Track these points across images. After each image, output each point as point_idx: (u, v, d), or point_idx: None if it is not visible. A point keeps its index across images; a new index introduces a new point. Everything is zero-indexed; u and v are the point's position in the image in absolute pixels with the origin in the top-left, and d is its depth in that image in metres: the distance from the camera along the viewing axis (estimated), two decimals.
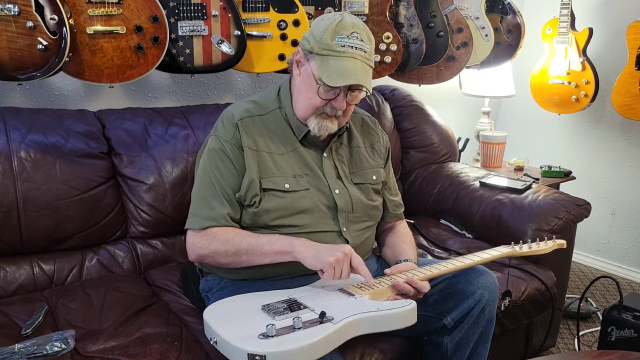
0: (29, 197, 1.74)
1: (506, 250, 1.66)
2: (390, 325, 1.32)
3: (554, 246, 1.73)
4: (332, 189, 1.58)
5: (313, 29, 1.50)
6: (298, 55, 1.54)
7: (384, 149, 1.76)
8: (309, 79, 1.50)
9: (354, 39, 1.46)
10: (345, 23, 1.46)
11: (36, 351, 1.37)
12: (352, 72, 1.46)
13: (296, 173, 1.56)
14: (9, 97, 2.02)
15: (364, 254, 1.66)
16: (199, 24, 1.94)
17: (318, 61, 1.47)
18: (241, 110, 1.58)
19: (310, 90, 1.50)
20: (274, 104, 1.61)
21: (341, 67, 1.45)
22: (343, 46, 1.45)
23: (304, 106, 1.53)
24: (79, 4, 1.74)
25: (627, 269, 3.11)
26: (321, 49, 1.46)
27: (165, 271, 1.91)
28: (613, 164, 3.08)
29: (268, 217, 1.51)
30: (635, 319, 1.98)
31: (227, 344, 1.22)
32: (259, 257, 1.47)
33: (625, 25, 2.62)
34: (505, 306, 1.82)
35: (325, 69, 1.45)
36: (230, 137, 1.53)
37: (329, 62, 1.45)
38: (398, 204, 1.78)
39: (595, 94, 2.78)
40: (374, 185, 1.68)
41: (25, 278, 1.76)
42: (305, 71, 1.52)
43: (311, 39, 1.48)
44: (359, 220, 1.62)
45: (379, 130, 1.78)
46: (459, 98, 3.15)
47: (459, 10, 2.54)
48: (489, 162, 2.85)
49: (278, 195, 1.52)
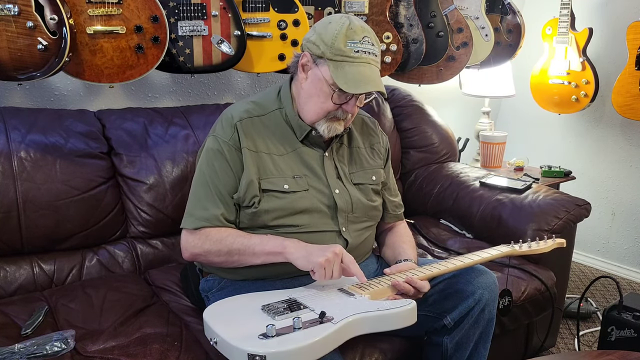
0: (29, 197, 1.74)
1: (506, 249, 1.66)
2: (390, 325, 1.32)
3: (554, 245, 1.73)
4: (332, 189, 1.58)
5: (321, 33, 1.48)
6: (304, 59, 1.52)
7: (383, 150, 1.76)
8: (319, 84, 1.50)
9: (366, 44, 1.46)
10: (355, 27, 1.46)
11: (36, 351, 1.37)
12: (369, 78, 1.47)
13: (295, 174, 1.56)
14: (9, 97, 2.02)
15: (363, 254, 1.66)
16: (199, 24, 1.94)
17: (332, 67, 1.46)
18: (240, 111, 1.58)
19: (322, 95, 1.50)
20: (274, 105, 1.61)
21: (357, 73, 1.45)
22: (357, 52, 1.45)
23: (315, 110, 1.53)
24: (79, 4, 1.74)
25: (627, 269, 3.11)
26: (334, 55, 1.45)
27: (165, 271, 1.91)
28: (613, 164, 3.08)
29: (267, 217, 1.52)
30: (635, 319, 1.98)
31: (227, 344, 1.22)
32: (250, 257, 1.48)
33: (625, 25, 2.62)
34: (504, 305, 1.82)
35: (342, 75, 1.45)
36: (228, 138, 1.53)
37: (345, 68, 1.45)
38: (398, 204, 1.79)
39: (595, 94, 2.78)
40: (373, 185, 1.68)
41: (25, 278, 1.76)
42: (314, 76, 1.51)
43: (321, 43, 1.47)
44: (359, 220, 1.63)
45: (378, 131, 1.78)
46: (459, 98, 3.15)
47: (459, 10, 2.54)
48: (489, 162, 2.85)
49: (277, 196, 1.52)
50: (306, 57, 1.52)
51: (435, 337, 1.59)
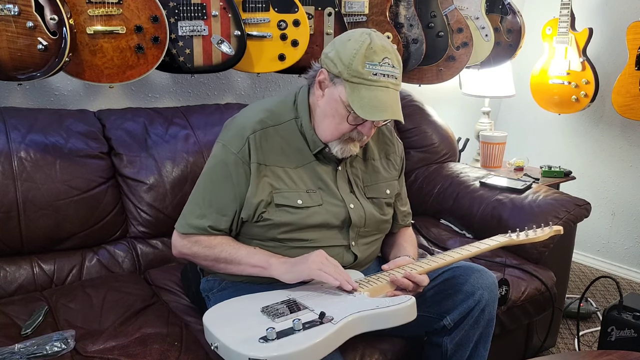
0: (29, 197, 1.74)
1: (503, 239, 1.65)
2: (391, 322, 1.32)
3: (551, 233, 1.72)
4: (346, 204, 1.55)
5: (339, 50, 1.41)
6: (322, 75, 1.46)
7: (399, 159, 1.72)
8: (335, 104, 1.44)
9: (385, 66, 1.39)
10: (376, 47, 1.39)
11: (36, 351, 1.37)
12: (386, 105, 1.40)
13: (309, 188, 1.53)
14: (9, 97, 2.02)
15: (368, 263, 1.66)
16: (199, 24, 1.94)
17: (348, 89, 1.40)
18: (254, 121, 1.51)
19: (337, 117, 1.45)
20: (290, 114, 1.55)
21: (374, 98, 1.39)
22: (375, 74, 1.38)
23: (330, 131, 1.48)
24: (79, 4, 1.73)
25: (627, 269, 3.11)
26: (351, 76, 1.39)
27: (165, 271, 1.91)
28: (613, 164, 3.08)
29: (277, 232, 1.50)
30: (635, 319, 1.98)
31: (227, 349, 1.21)
32: (236, 267, 1.50)
33: (625, 25, 2.62)
34: (501, 294, 1.79)
35: (357, 99, 1.39)
36: (237, 150, 1.49)
37: (361, 91, 1.39)
38: (407, 213, 1.77)
39: (595, 94, 2.78)
40: (387, 199, 1.65)
41: (25, 278, 1.76)
42: (330, 95, 1.45)
43: (338, 62, 1.41)
44: (369, 234, 1.61)
45: (395, 139, 1.73)
46: (459, 98, 3.15)
47: (459, 10, 2.53)
48: (489, 162, 2.85)
49: (290, 211, 1.49)
50: (323, 75, 1.46)
51: (435, 337, 1.59)
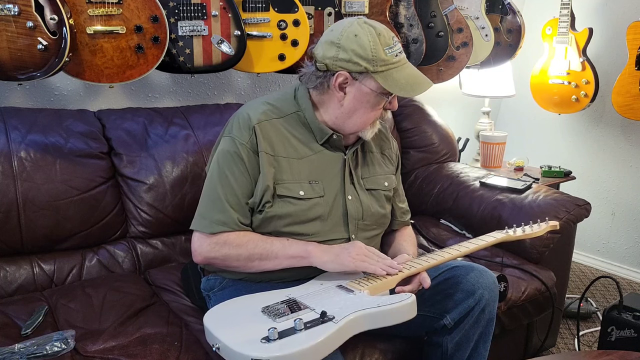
0: (29, 197, 1.74)
1: (500, 235, 1.65)
2: (391, 320, 1.32)
3: (548, 228, 1.72)
4: (345, 195, 1.57)
5: (354, 49, 1.44)
6: (340, 78, 1.47)
7: (394, 156, 1.75)
8: (366, 97, 1.49)
9: (397, 44, 1.48)
10: (381, 31, 1.46)
11: (36, 351, 1.37)
12: (418, 77, 1.50)
13: (312, 179, 1.53)
14: (9, 97, 2.02)
15: None
16: (199, 24, 1.94)
17: (380, 78, 1.45)
18: (258, 112, 1.53)
19: (369, 106, 1.51)
20: (291, 107, 1.57)
21: (407, 76, 1.48)
22: (396, 55, 1.47)
23: (362, 121, 1.53)
24: (79, 4, 1.73)
25: (627, 269, 3.11)
26: (378, 66, 1.45)
27: (166, 271, 1.91)
28: (613, 164, 3.08)
29: (279, 223, 1.50)
30: (635, 319, 1.98)
31: (229, 350, 1.21)
32: (272, 262, 1.47)
33: (625, 25, 2.61)
34: (500, 291, 1.79)
35: (394, 83, 1.46)
36: (246, 141, 1.49)
37: (393, 75, 1.46)
38: (405, 210, 1.78)
39: (595, 94, 2.78)
40: (385, 191, 1.66)
41: (25, 278, 1.76)
42: (358, 91, 1.48)
43: (360, 60, 1.44)
44: (369, 228, 1.62)
45: (390, 136, 1.76)
46: (459, 98, 3.15)
47: (459, 10, 2.54)
48: (489, 162, 2.85)
49: (291, 202, 1.50)
50: (343, 76, 1.47)
51: (435, 337, 1.59)
